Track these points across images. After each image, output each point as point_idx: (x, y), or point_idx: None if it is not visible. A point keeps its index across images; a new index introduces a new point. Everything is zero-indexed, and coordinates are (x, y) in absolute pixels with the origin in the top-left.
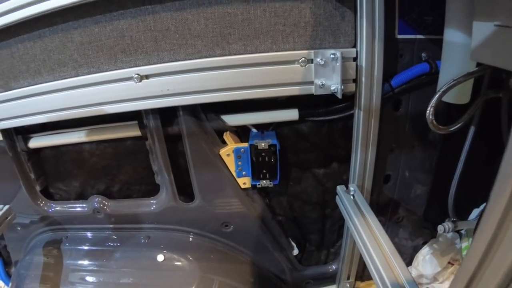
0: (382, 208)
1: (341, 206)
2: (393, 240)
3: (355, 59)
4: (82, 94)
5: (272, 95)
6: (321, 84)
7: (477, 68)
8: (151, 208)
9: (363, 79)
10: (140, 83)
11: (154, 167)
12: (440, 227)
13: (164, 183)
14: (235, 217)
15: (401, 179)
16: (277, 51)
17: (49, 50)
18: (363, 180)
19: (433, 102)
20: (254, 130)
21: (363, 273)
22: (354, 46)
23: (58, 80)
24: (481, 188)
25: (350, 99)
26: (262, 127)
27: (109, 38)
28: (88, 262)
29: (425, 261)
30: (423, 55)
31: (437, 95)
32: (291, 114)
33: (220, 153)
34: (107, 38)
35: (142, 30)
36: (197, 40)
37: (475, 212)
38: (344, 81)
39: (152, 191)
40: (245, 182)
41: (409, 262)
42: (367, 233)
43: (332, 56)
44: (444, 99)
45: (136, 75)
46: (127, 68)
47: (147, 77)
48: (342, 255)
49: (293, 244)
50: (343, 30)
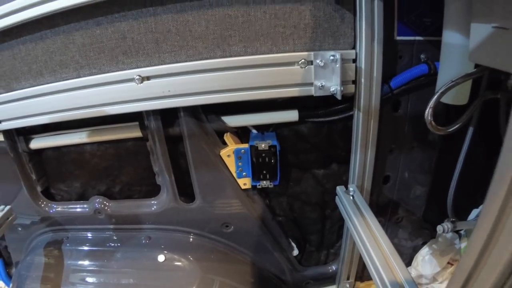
0: (382, 209)
1: (340, 207)
2: (393, 241)
3: (354, 60)
4: (84, 95)
5: (272, 97)
6: (320, 85)
7: (475, 69)
8: (152, 209)
9: (363, 80)
10: (141, 84)
11: (155, 168)
12: (439, 228)
13: (164, 184)
14: (236, 218)
15: (401, 180)
16: (277, 52)
17: (51, 51)
18: (363, 181)
19: (431, 103)
20: (254, 131)
21: (362, 273)
22: (354, 48)
23: (59, 81)
24: (480, 189)
25: (350, 100)
26: (262, 128)
27: (110, 39)
28: (89, 263)
29: (425, 261)
30: (422, 56)
31: (435, 96)
32: (291, 115)
33: (221, 154)
34: (108, 40)
35: (144, 31)
36: (198, 41)
37: (474, 213)
38: (344, 82)
39: (152, 191)
40: (245, 182)
41: (408, 263)
42: (366, 234)
43: (331, 57)
44: (443, 100)
45: (138, 77)
46: (129, 69)
47: (148, 78)
48: (342, 255)
49: (293, 244)
50: (342, 32)
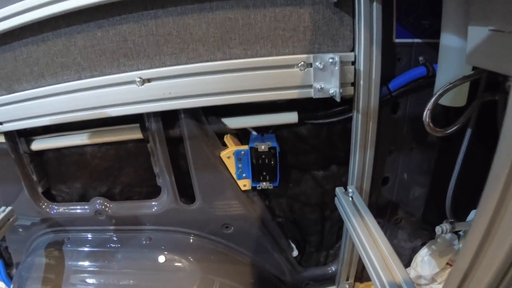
0: (381, 210)
1: (340, 208)
2: (392, 242)
3: (353, 63)
4: (85, 97)
5: (272, 99)
6: (320, 87)
7: (473, 71)
8: (152, 210)
9: (362, 82)
10: (142, 86)
11: (156, 169)
12: (438, 228)
13: (165, 185)
14: (236, 219)
15: (400, 181)
16: (277, 55)
17: (52, 53)
18: (362, 182)
19: (429, 105)
20: (254, 132)
21: (362, 274)
22: (353, 50)
23: (61, 83)
24: (478, 190)
25: (349, 102)
26: (262, 130)
27: (112, 42)
28: (89, 264)
29: (424, 262)
30: (420, 58)
31: (433, 98)
32: (291, 117)
33: (221, 155)
34: (110, 42)
35: (145, 34)
36: (199, 44)
37: (473, 214)
38: (343, 84)
39: (153, 193)
40: (245, 184)
41: (407, 263)
42: (365, 235)
43: (330, 60)
44: (441, 102)
45: (138, 79)
46: (130, 71)
47: (149, 80)
48: (341, 256)
49: (292, 245)
50: (341, 34)
